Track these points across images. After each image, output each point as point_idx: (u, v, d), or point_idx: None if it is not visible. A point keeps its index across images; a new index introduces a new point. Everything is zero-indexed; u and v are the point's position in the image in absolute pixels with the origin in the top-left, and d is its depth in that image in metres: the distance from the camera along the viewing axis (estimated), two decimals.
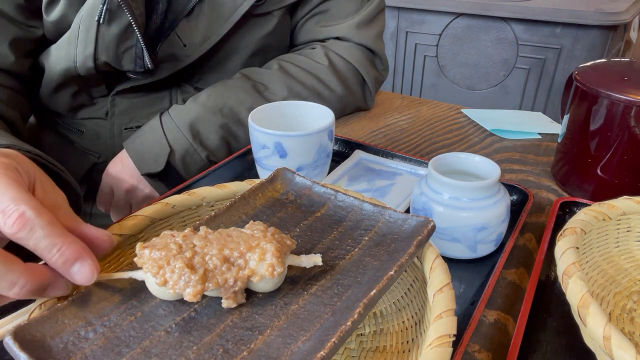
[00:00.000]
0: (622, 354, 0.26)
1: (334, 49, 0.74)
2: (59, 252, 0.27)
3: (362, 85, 0.78)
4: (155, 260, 0.28)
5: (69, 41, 0.62)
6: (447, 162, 0.46)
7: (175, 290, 0.27)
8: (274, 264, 0.28)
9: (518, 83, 1.64)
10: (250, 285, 0.29)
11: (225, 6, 0.65)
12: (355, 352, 0.34)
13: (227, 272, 0.28)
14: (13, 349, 0.24)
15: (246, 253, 0.29)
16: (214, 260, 0.28)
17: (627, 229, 0.41)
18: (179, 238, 0.29)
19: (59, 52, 0.63)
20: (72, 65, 0.62)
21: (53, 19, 0.62)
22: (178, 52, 0.66)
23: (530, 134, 0.72)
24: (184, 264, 0.27)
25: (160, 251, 0.28)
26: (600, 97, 0.50)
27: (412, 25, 1.75)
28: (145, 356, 0.26)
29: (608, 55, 1.47)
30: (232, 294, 0.28)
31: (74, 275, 0.28)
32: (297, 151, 0.52)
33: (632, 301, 0.38)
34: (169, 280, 0.27)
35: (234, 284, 0.28)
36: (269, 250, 0.28)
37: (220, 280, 0.28)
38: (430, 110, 0.82)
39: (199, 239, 0.29)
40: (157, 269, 0.27)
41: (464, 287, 0.42)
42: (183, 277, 0.27)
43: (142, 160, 0.63)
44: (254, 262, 0.28)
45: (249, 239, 0.29)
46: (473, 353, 0.36)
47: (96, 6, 0.58)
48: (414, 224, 0.33)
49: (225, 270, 0.28)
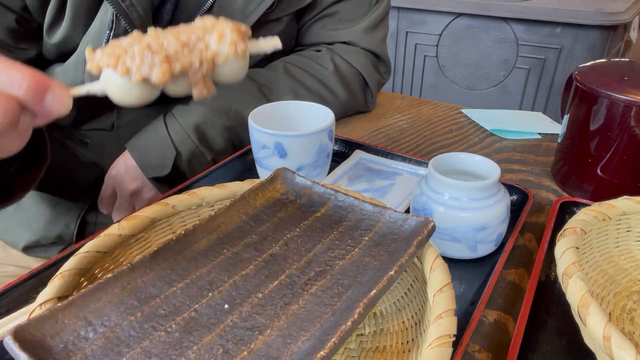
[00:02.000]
0: (622, 354, 0.26)
1: (340, 53, 0.74)
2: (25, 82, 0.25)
3: (365, 89, 0.77)
4: (110, 54, 0.26)
5: (76, 65, 0.60)
6: (447, 162, 0.46)
7: (140, 75, 0.25)
8: (236, 39, 0.27)
9: (518, 83, 1.64)
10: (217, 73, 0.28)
11: (234, 15, 0.64)
12: (355, 352, 0.34)
13: (189, 55, 0.26)
14: (13, 349, 0.24)
15: (204, 36, 0.27)
16: (172, 45, 0.26)
17: (627, 229, 0.41)
18: (129, 39, 0.27)
19: (65, 75, 0.61)
20: None
21: (55, 41, 0.59)
22: None
23: (530, 134, 0.72)
24: (143, 46, 0.25)
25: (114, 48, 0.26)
26: (600, 97, 0.50)
27: (412, 25, 1.75)
28: (145, 356, 0.26)
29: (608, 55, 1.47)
30: (200, 79, 0.27)
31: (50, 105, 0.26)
32: (297, 151, 0.52)
33: (632, 301, 0.38)
34: (131, 67, 0.25)
35: (199, 67, 0.27)
36: (227, 28, 0.27)
37: (185, 62, 0.26)
38: (430, 110, 0.82)
39: (152, 36, 0.27)
40: (115, 60, 0.25)
41: (464, 287, 0.42)
42: (146, 60, 0.25)
43: (146, 162, 0.62)
44: (214, 43, 0.27)
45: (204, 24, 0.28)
46: (473, 353, 0.36)
47: (103, 31, 0.56)
48: (414, 224, 0.33)
49: (187, 54, 0.26)
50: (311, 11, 0.74)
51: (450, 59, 1.73)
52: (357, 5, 0.74)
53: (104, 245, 0.34)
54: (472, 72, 1.71)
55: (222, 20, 0.28)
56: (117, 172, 0.64)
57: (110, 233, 0.34)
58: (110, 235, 0.34)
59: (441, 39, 1.72)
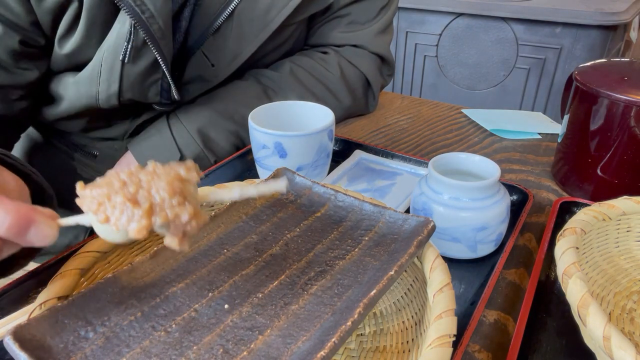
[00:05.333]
0: (622, 354, 0.26)
1: (347, 56, 0.73)
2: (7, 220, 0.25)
3: (367, 93, 0.77)
4: (94, 197, 0.25)
5: (91, 79, 0.57)
6: (447, 162, 0.46)
7: (118, 227, 0.25)
8: None
9: (518, 83, 1.64)
10: None
11: (254, 22, 0.62)
12: (355, 352, 0.34)
13: (178, 207, 0.25)
14: (13, 349, 0.24)
15: None
16: (160, 193, 0.25)
17: (627, 229, 0.41)
18: (124, 175, 0.26)
19: (79, 88, 0.59)
20: (94, 102, 0.59)
21: (67, 52, 0.57)
22: (206, 73, 0.63)
23: (530, 134, 0.72)
24: (125, 198, 0.25)
25: (102, 188, 0.26)
26: (600, 97, 0.49)
27: (412, 25, 1.75)
28: (145, 356, 0.26)
29: (608, 55, 1.47)
30: (181, 233, 0.25)
31: (33, 240, 0.26)
32: (297, 151, 0.52)
33: (632, 301, 0.38)
34: (110, 216, 0.25)
35: (187, 221, 0.25)
36: None
37: (170, 214, 0.25)
38: (430, 110, 0.82)
39: (146, 174, 0.26)
40: (96, 206, 0.25)
41: (464, 287, 0.42)
42: (126, 212, 0.25)
43: None
44: None
45: None
46: (473, 353, 0.36)
47: (120, 44, 0.54)
48: (414, 224, 0.33)
49: (175, 205, 0.25)
50: (323, 13, 0.73)
51: (450, 59, 1.73)
52: (367, 8, 0.73)
53: (104, 245, 0.34)
54: (472, 72, 1.71)
55: None
56: None
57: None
58: None
59: (441, 39, 1.72)
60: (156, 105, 0.63)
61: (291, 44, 0.72)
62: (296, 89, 0.68)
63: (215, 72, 0.63)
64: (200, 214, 0.26)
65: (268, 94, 0.67)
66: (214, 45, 0.62)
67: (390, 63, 0.78)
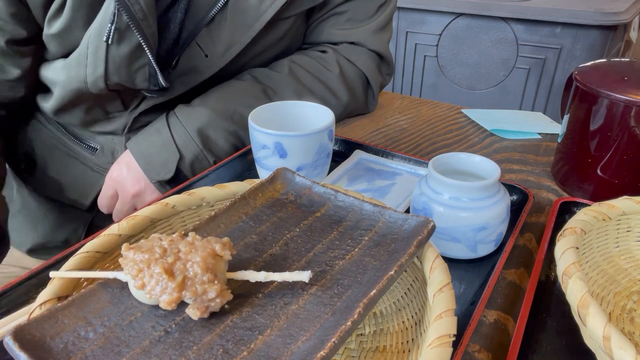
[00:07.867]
0: (622, 354, 0.26)
1: (346, 54, 0.73)
2: None
3: (367, 91, 0.77)
4: (136, 262, 0.28)
5: (78, 61, 0.58)
6: (447, 162, 0.46)
7: (151, 296, 0.27)
8: None
9: (518, 83, 1.64)
10: None
11: (248, 13, 0.62)
12: (355, 352, 0.34)
13: (207, 284, 0.27)
14: (13, 349, 0.24)
15: None
16: (195, 267, 0.27)
17: (627, 229, 0.41)
18: (165, 242, 0.29)
19: (69, 71, 0.60)
20: (84, 86, 0.59)
21: (54, 31, 0.58)
22: (199, 64, 0.63)
23: (530, 134, 0.72)
24: (162, 269, 0.27)
25: (144, 254, 0.28)
26: (600, 97, 0.49)
27: (412, 25, 1.75)
28: (145, 356, 0.26)
29: (608, 55, 1.47)
30: (204, 307, 0.27)
31: None
32: (297, 151, 0.52)
33: (632, 301, 0.38)
34: (146, 284, 0.27)
35: (214, 297, 0.27)
36: None
37: (199, 289, 0.27)
38: (430, 110, 0.82)
39: (185, 244, 0.29)
40: (136, 272, 0.27)
41: (464, 287, 0.42)
42: (160, 283, 0.27)
43: (150, 165, 0.62)
44: None
45: None
46: (473, 353, 0.36)
47: (104, 25, 0.54)
48: (414, 224, 0.33)
49: (206, 281, 0.27)
50: (321, 9, 0.73)
51: (450, 59, 1.73)
52: (366, 6, 0.73)
53: (104, 245, 0.34)
54: (472, 72, 1.71)
55: None
56: (119, 174, 0.64)
57: (110, 233, 0.34)
58: (110, 235, 0.34)
59: (441, 39, 1.72)
60: (146, 92, 0.63)
61: (289, 39, 0.72)
62: (295, 88, 0.68)
63: (209, 62, 0.63)
64: (226, 292, 0.28)
65: (267, 93, 0.67)
66: (208, 36, 0.62)
67: (389, 61, 0.78)
